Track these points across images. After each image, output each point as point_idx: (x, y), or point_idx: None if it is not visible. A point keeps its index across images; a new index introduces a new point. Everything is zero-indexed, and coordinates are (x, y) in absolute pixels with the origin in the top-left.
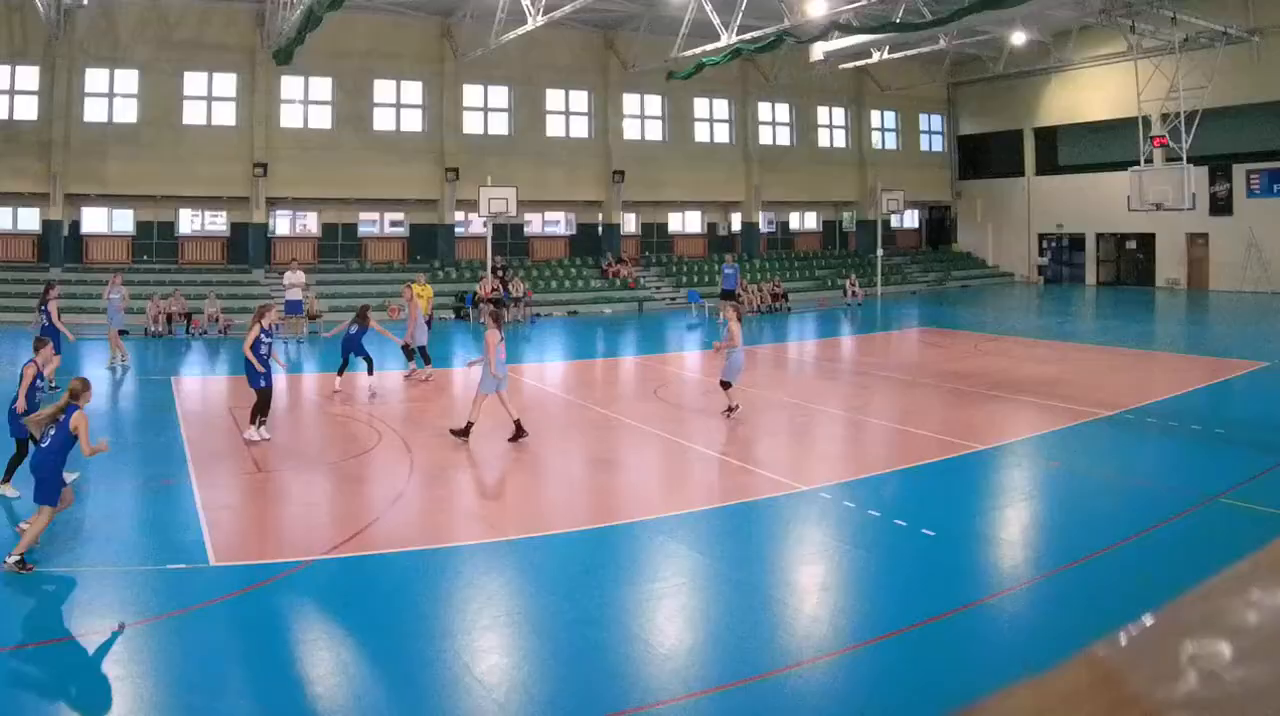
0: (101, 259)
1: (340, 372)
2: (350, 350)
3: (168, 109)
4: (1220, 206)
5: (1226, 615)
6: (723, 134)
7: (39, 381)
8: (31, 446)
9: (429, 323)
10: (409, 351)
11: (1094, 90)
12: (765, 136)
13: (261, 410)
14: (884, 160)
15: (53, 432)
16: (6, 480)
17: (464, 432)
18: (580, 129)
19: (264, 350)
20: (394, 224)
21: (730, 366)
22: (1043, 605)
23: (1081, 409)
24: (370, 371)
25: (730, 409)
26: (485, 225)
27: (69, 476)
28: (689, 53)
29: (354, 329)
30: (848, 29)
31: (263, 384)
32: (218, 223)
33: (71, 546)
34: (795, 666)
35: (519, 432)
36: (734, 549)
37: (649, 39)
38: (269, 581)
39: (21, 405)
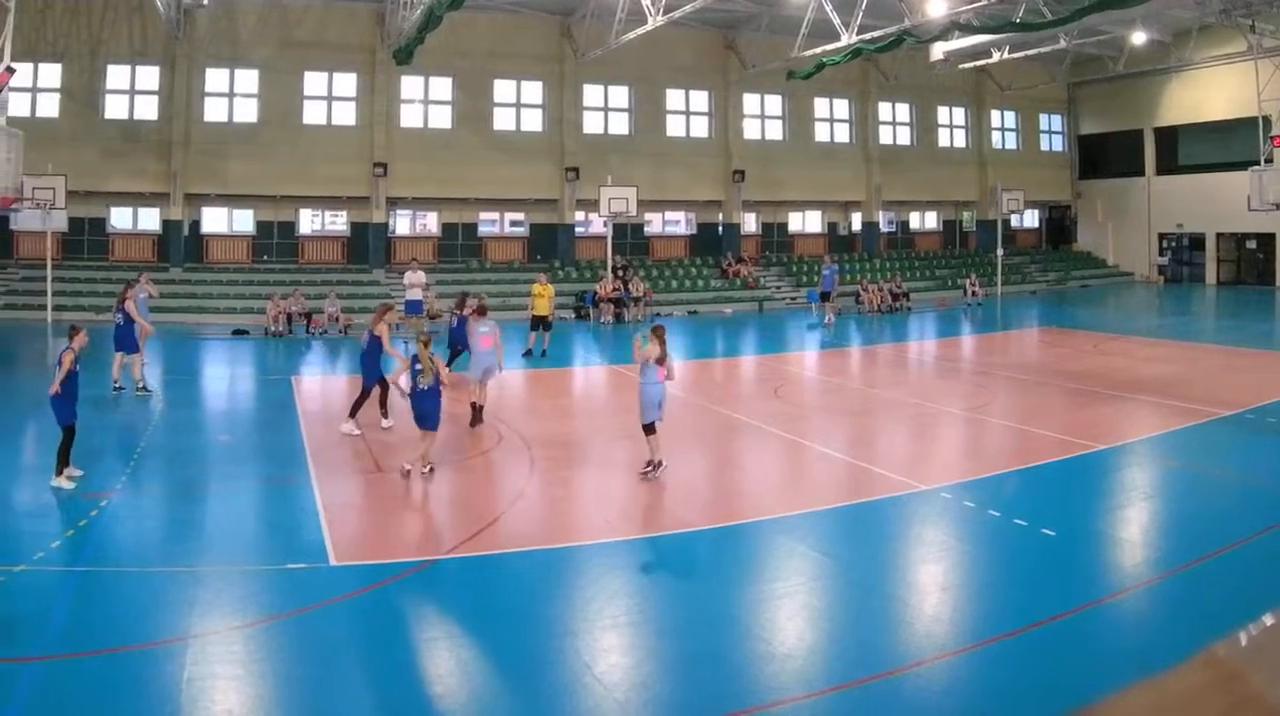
0: (222, 259)
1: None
2: (458, 342)
3: (288, 109)
4: None
5: None
6: (843, 134)
7: (76, 367)
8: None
9: (548, 323)
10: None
11: (1214, 90)
12: (885, 136)
13: (360, 405)
14: (1004, 160)
15: (420, 377)
16: (61, 472)
17: (477, 418)
18: (700, 129)
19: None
20: (514, 223)
21: (643, 400)
22: (1162, 605)
23: (1202, 409)
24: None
25: (650, 464)
26: (605, 225)
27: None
28: (809, 52)
29: (455, 321)
30: (968, 29)
31: (375, 380)
32: (338, 222)
33: (193, 546)
34: (915, 666)
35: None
36: (854, 548)
37: (769, 39)
38: (389, 581)
39: (56, 389)
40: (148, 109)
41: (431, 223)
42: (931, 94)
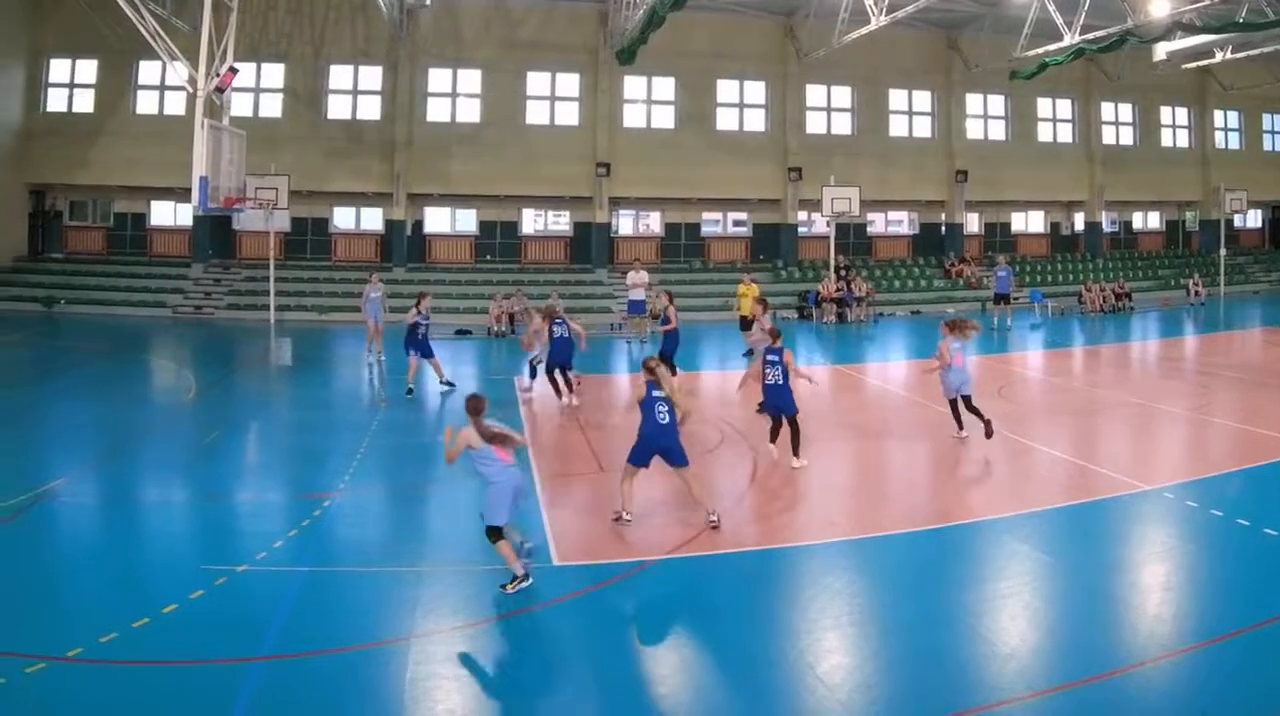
0: (445, 259)
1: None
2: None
3: (510, 109)
4: None
5: None
6: (1065, 133)
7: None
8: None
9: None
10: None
11: None
12: (1108, 136)
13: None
14: (1227, 160)
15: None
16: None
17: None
18: (923, 129)
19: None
20: (737, 223)
21: (489, 497)
22: None
23: None
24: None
25: (515, 579)
26: (828, 225)
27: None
28: (1032, 52)
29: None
30: (1190, 29)
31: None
32: (560, 222)
33: (416, 546)
34: (1137, 666)
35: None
36: (1076, 548)
37: (991, 38)
38: (612, 581)
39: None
40: (370, 109)
41: (654, 222)
42: (1154, 94)
